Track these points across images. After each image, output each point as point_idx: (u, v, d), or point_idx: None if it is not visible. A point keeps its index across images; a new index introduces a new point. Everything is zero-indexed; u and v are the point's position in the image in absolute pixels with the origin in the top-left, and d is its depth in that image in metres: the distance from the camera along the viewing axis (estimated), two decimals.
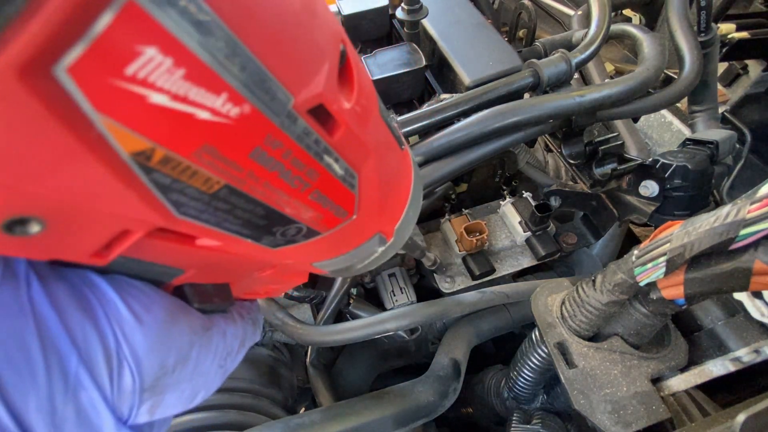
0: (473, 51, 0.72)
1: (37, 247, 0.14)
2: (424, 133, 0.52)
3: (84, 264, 0.16)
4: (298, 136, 0.16)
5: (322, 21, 0.16)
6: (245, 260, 0.22)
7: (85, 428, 0.16)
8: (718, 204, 0.66)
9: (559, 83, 0.53)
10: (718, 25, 0.79)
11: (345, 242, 0.23)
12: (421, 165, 0.49)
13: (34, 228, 0.13)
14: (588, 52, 0.55)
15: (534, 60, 0.53)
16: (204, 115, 0.13)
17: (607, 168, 0.61)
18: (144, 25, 0.10)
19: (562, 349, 0.49)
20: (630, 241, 0.91)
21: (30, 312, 0.15)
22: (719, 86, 0.99)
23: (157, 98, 0.11)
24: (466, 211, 0.80)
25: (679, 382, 0.47)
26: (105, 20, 0.10)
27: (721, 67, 1.06)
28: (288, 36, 0.14)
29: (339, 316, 0.73)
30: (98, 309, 0.17)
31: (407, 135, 0.49)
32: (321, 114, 0.16)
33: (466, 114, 0.50)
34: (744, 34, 0.91)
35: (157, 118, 0.12)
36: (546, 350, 0.54)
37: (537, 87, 0.53)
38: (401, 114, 0.52)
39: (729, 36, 0.90)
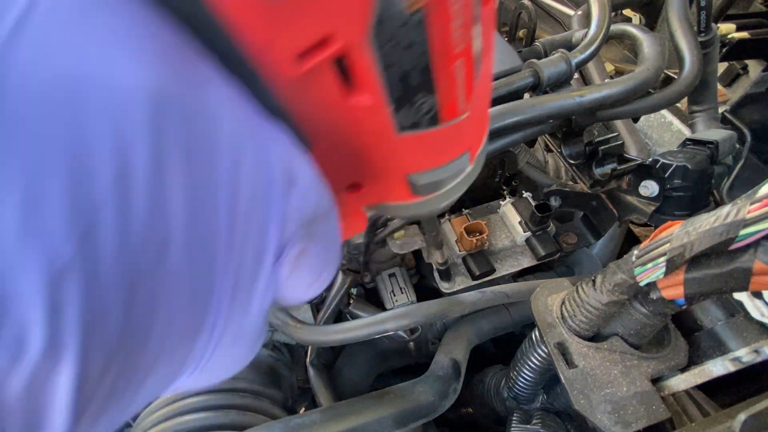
0: None
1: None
2: None
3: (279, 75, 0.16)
4: None
5: None
6: (362, 153, 0.22)
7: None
8: (718, 204, 0.66)
9: (559, 83, 0.54)
10: (718, 25, 0.79)
11: (446, 148, 0.23)
12: None
13: None
14: (588, 52, 0.55)
15: (534, 60, 0.53)
16: None
17: (607, 168, 0.61)
18: None
19: (562, 349, 0.49)
20: (630, 241, 0.91)
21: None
22: (719, 86, 0.99)
23: None
24: (466, 211, 0.80)
25: (679, 382, 0.47)
26: None
27: (721, 67, 1.06)
28: None
29: (339, 317, 0.73)
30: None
31: None
32: None
33: None
34: (744, 34, 0.91)
35: None
36: (546, 350, 0.54)
37: (537, 87, 0.53)
38: None
39: (729, 36, 0.90)
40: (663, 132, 0.84)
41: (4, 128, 0.11)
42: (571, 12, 0.86)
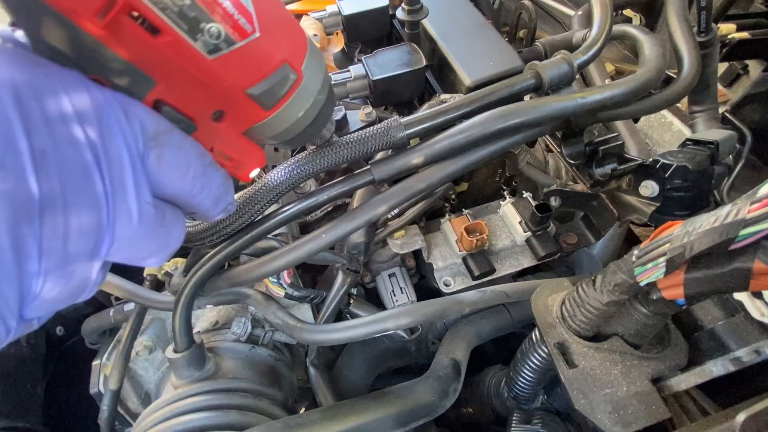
0: (473, 51, 0.72)
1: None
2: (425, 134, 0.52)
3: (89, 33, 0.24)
4: None
5: None
6: (198, 81, 0.29)
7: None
8: (719, 204, 0.66)
9: (561, 85, 0.53)
10: (719, 25, 0.79)
11: (260, 61, 0.30)
12: (422, 167, 0.49)
13: None
14: (590, 54, 0.55)
15: (536, 62, 0.53)
16: None
17: (608, 168, 0.61)
18: None
19: (562, 349, 0.49)
20: (630, 241, 0.91)
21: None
22: (719, 86, 0.99)
23: None
24: (467, 211, 0.80)
25: (679, 382, 0.47)
26: None
27: (722, 67, 1.06)
28: None
29: (339, 316, 0.73)
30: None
31: (410, 137, 0.48)
32: None
33: (468, 117, 0.50)
34: (744, 35, 0.91)
35: None
36: (546, 350, 0.54)
37: (539, 89, 0.53)
38: (402, 114, 0.52)
39: (729, 36, 0.90)
40: (663, 132, 0.84)
41: None
42: (571, 12, 0.86)
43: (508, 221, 0.78)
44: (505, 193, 0.83)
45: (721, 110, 0.76)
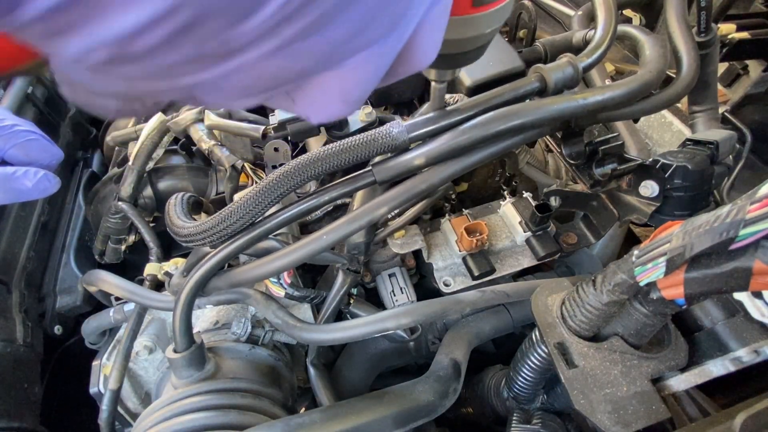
0: None
1: None
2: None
3: None
4: None
5: None
6: None
7: None
8: (719, 204, 0.66)
9: (566, 88, 0.53)
10: (718, 25, 0.79)
11: None
12: (423, 168, 0.49)
13: None
14: (595, 56, 0.54)
15: (541, 65, 0.52)
16: None
17: (608, 168, 0.61)
18: None
19: (562, 349, 0.49)
20: (630, 241, 0.91)
21: None
22: (719, 86, 0.99)
23: None
24: (467, 211, 0.80)
25: (679, 382, 0.47)
26: None
27: (722, 67, 1.06)
28: None
29: (339, 317, 0.73)
30: None
31: (412, 141, 0.48)
32: None
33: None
34: (744, 35, 0.91)
35: None
36: (546, 350, 0.54)
37: (543, 92, 0.52)
38: (402, 114, 0.52)
39: (729, 36, 0.90)
40: (663, 132, 0.84)
41: None
42: (571, 12, 0.86)
43: (508, 221, 0.78)
44: (505, 193, 0.84)
45: (721, 110, 0.76)
